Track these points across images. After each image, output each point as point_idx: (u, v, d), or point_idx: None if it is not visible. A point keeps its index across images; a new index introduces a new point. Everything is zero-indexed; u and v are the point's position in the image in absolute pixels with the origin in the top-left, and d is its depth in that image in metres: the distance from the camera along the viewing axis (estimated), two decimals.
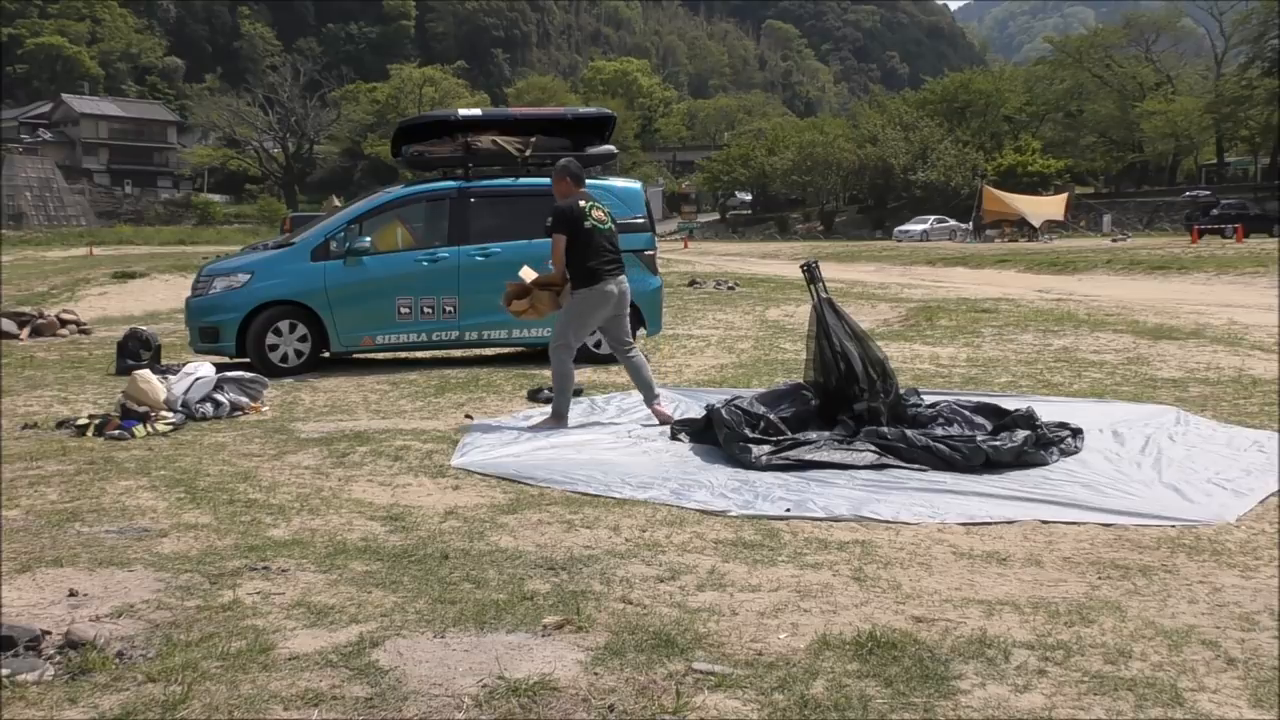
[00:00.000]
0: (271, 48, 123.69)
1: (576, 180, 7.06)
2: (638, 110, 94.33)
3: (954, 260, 31.07)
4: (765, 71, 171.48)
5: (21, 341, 12.68)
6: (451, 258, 9.77)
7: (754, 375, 9.02)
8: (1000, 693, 2.83)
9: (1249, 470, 5.36)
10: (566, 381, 6.99)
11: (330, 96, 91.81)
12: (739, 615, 3.42)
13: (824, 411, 6.22)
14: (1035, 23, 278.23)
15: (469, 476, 5.49)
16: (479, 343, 10.18)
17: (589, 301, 6.99)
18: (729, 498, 4.96)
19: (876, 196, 65.78)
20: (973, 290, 19.00)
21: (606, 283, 6.96)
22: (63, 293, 19.41)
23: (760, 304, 16.18)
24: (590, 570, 3.89)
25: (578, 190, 7.04)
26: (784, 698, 2.79)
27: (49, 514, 4.72)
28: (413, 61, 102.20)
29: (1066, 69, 65.84)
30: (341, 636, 3.22)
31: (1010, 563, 4.02)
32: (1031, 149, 61.08)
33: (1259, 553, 4.13)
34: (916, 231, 50.37)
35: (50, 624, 3.30)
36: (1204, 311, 13.71)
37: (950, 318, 13.09)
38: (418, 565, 3.95)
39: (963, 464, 5.44)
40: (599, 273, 6.94)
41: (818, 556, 4.08)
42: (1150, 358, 9.60)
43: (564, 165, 7.14)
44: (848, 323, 6.43)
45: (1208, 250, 27.95)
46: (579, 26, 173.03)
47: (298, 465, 5.77)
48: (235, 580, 3.78)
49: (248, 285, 9.64)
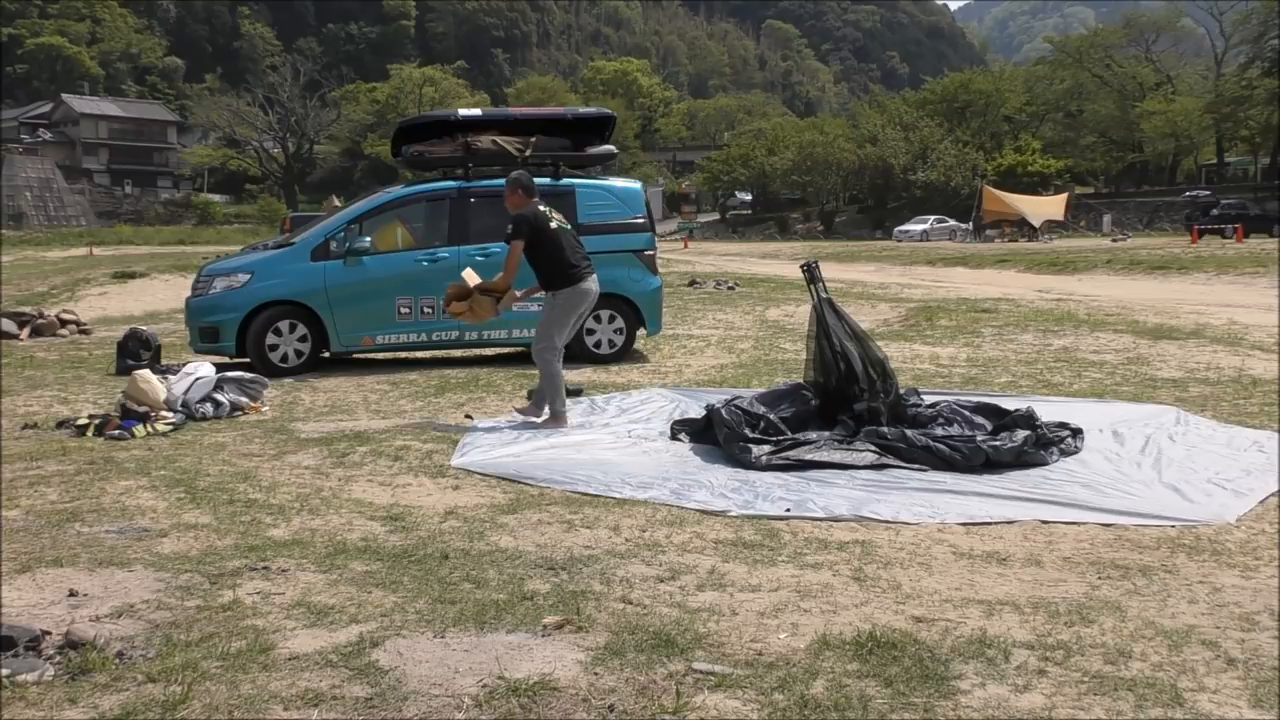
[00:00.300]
0: (271, 48, 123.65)
1: (528, 192, 7.10)
2: (638, 110, 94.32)
3: (954, 260, 31.06)
4: (765, 71, 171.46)
5: (21, 341, 12.68)
6: (451, 258, 9.76)
7: (754, 375, 9.02)
8: (1000, 693, 2.83)
9: (1249, 470, 5.36)
10: (557, 381, 6.98)
11: (330, 96, 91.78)
12: (739, 615, 3.42)
13: (824, 411, 6.22)
14: (1035, 23, 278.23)
15: (469, 476, 5.50)
16: (479, 343, 10.18)
17: (571, 300, 7.06)
18: (729, 498, 4.96)
19: (876, 196, 65.77)
20: (973, 290, 18.99)
21: (585, 280, 7.06)
22: (63, 293, 19.41)
23: (760, 304, 16.17)
24: (590, 570, 3.89)
25: (530, 201, 7.07)
26: (784, 698, 2.79)
27: (49, 514, 4.72)
28: (413, 61, 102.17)
29: (1066, 69, 65.82)
30: (341, 636, 3.22)
31: (1010, 563, 4.02)
32: (1031, 149, 61.06)
33: (1259, 553, 4.13)
34: (916, 231, 50.34)
35: (50, 624, 3.30)
36: (1204, 311, 13.71)
37: (950, 318, 13.09)
38: (418, 565, 3.95)
39: (963, 464, 5.44)
40: (579, 271, 7.05)
41: (818, 556, 4.08)
42: (1150, 358, 9.60)
43: (515, 177, 7.18)
44: (848, 323, 6.43)
45: (1208, 250, 27.94)
46: (579, 26, 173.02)
47: (298, 465, 5.77)
48: (235, 580, 3.78)
49: (248, 285, 9.65)
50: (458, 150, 10.16)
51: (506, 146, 10.19)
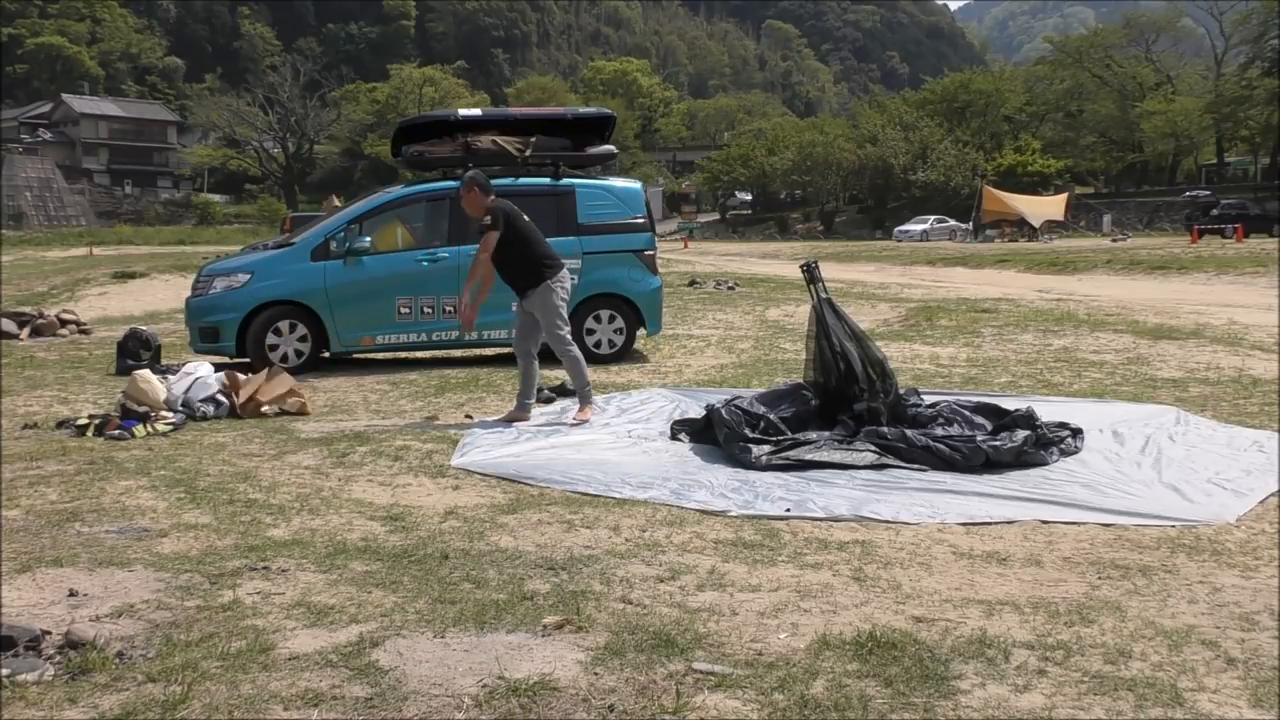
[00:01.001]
0: (271, 48, 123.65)
1: (484, 190, 7.11)
2: (638, 110, 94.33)
3: (954, 260, 31.06)
4: (765, 71, 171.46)
5: (21, 341, 12.68)
6: (451, 258, 9.77)
7: (754, 375, 9.02)
8: (1000, 693, 2.83)
9: (1249, 470, 5.36)
10: (581, 365, 7.22)
11: (330, 96, 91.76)
12: (739, 615, 3.42)
13: (824, 411, 6.22)
14: (1035, 23, 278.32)
15: (469, 476, 5.49)
16: (479, 343, 10.18)
17: (561, 283, 7.16)
18: (729, 498, 4.96)
19: (876, 196, 65.76)
20: (973, 290, 18.99)
21: (560, 271, 7.18)
22: (63, 293, 19.41)
23: (760, 304, 16.17)
24: (590, 570, 3.89)
25: (489, 199, 7.07)
26: (784, 698, 2.79)
27: (49, 514, 4.72)
28: (413, 61, 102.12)
29: (1066, 69, 65.83)
30: (341, 636, 3.22)
31: (1010, 563, 4.02)
32: (1031, 149, 61.07)
33: (1259, 553, 4.13)
34: (916, 231, 50.33)
35: (50, 624, 3.30)
36: (1204, 311, 13.71)
37: (950, 318, 13.09)
38: (418, 565, 3.95)
39: (963, 464, 5.44)
40: (556, 258, 7.21)
41: (818, 556, 4.08)
42: (1150, 358, 9.60)
43: (472, 176, 7.21)
44: (847, 323, 6.43)
45: (1208, 250, 27.94)
46: (579, 26, 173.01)
47: (298, 465, 5.77)
48: (235, 580, 3.78)
49: (248, 285, 9.65)
50: (458, 150, 10.15)
51: (506, 146, 10.19)
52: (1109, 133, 64.85)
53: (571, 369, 7.23)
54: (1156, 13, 68.73)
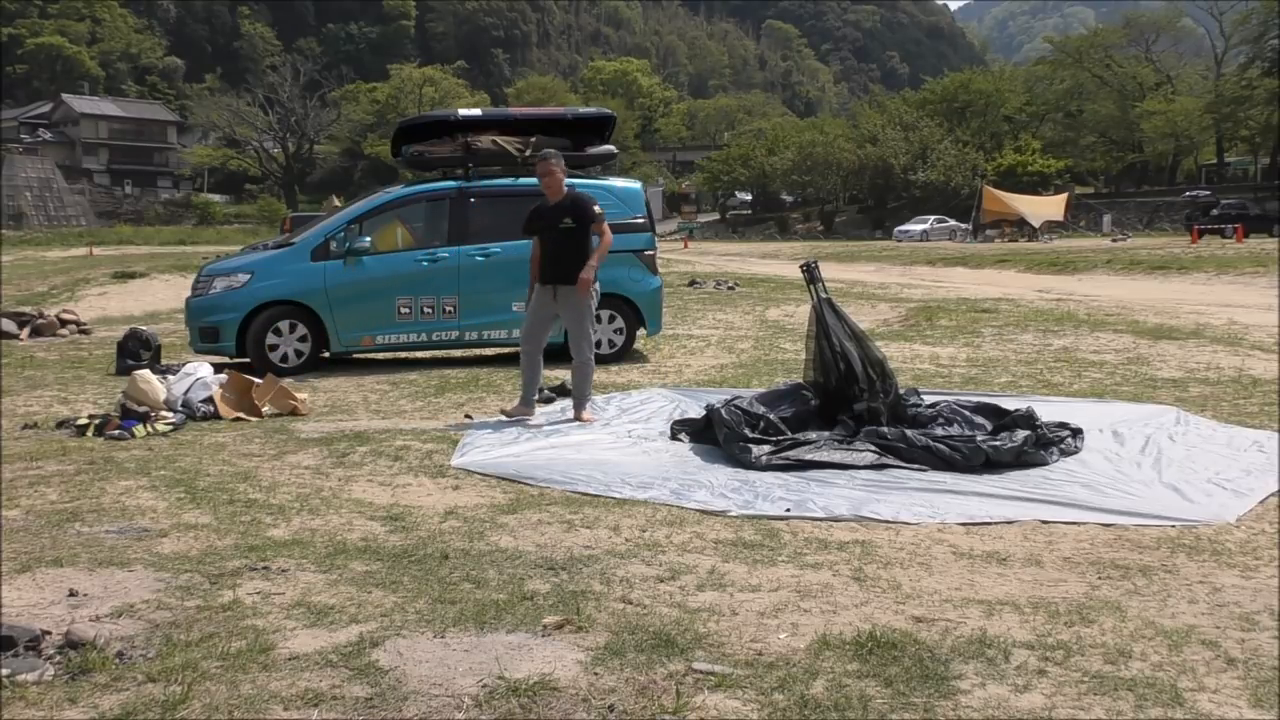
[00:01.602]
0: (271, 48, 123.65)
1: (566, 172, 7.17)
2: (638, 110, 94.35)
3: (954, 260, 31.06)
4: (765, 71, 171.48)
5: (21, 341, 12.68)
6: (451, 258, 9.77)
7: (754, 375, 9.02)
8: (1000, 693, 2.83)
9: (1249, 470, 5.36)
10: (590, 373, 7.29)
11: (330, 96, 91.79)
12: (739, 615, 3.42)
13: (824, 411, 6.22)
14: (1035, 23, 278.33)
15: (469, 476, 5.49)
16: (479, 343, 10.18)
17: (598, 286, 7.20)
18: (729, 498, 4.96)
19: (876, 196, 65.77)
20: (973, 290, 19.00)
21: None
22: (63, 293, 19.41)
23: (760, 304, 16.17)
24: (590, 570, 3.89)
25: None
26: (784, 698, 2.79)
27: (49, 514, 4.72)
28: (413, 61, 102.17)
29: (1066, 69, 65.83)
30: (341, 636, 3.22)
31: (1010, 563, 4.02)
32: (1031, 149, 61.07)
33: (1259, 553, 4.13)
34: (916, 231, 50.34)
35: (50, 624, 3.29)
36: (1204, 311, 13.71)
37: (950, 318, 13.09)
38: (418, 565, 3.95)
39: (963, 464, 5.44)
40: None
41: (818, 556, 4.08)
42: (1150, 358, 9.60)
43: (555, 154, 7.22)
44: (847, 323, 6.43)
45: (1208, 250, 27.94)
46: (579, 26, 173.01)
47: (298, 465, 5.77)
48: (235, 580, 3.78)
49: (248, 285, 9.65)
50: (458, 150, 10.16)
51: (506, 146, 10.19)
52: (1109, 133, 64.86)
53: (581, 373, 7.18)
54: (1156, 13, 68.73)
